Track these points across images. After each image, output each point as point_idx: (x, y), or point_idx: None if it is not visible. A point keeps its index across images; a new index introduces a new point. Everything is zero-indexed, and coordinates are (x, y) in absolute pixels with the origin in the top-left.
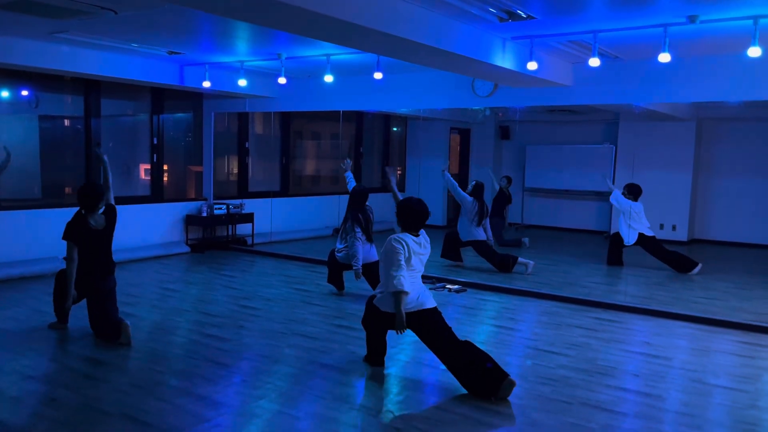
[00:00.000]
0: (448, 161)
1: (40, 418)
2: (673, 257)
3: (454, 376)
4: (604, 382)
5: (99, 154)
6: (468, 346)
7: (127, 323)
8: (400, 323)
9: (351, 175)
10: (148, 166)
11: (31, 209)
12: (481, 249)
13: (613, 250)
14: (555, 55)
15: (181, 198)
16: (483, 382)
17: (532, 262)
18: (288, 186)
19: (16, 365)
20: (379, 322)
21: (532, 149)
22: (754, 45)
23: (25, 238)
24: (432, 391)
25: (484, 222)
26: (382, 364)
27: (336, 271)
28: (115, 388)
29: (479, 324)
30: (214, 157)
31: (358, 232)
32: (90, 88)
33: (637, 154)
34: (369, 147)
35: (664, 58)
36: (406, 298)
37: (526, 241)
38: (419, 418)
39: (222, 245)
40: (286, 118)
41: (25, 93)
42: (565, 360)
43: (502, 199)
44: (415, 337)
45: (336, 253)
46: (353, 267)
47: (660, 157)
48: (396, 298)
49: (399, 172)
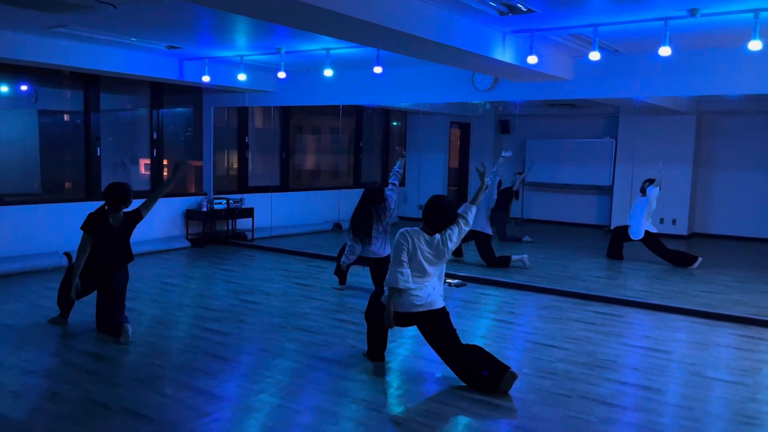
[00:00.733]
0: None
1: (41, 413)
2: (672, 254)
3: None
4: (603, 376)
5: (176, 172)
6: (471, 349)
7: (128, 326)
8: (388, 318)
9: (396, 171)
10: (148, 161)
11: (31, 204)
12: (483, 243)
13: (614, 243)
14: (555, 48)
15: (181, 193)
16: (481, 383)
17: (525, 256)
18: (288, 180)
19: (17, 360)
20: (381, 318)
21: (533, 143)
22: (754, 38)
23: (25, 233)
24: (432, 385)
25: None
26: (383, 359)
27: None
28: (115, 383)
29: (479, 318)
30: (213, 152)
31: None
32: (89, 83)
33: (637, 148)
34: (369, 141)
35: (665, 51)
36: (408, 296)
37: (526, 239)
38: (419, 411)
39: (222, 240)
40: (285, 113)
41: (24, 88)
42: (565, 354)
43: (508, 193)
44: (415, 331)
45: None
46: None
47: (660, 150)
48: (390, 292)
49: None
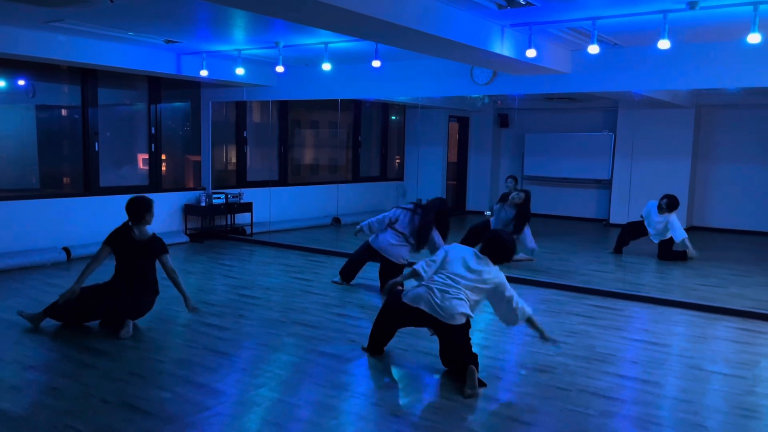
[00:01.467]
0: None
1: (41, 407)
2: (673, 255)
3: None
4: (602, 369)
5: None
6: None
7: (130, 321)
8: (387, 286)
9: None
10: (146, 156)
11: (29, 199)
12: None
13: (623, 239)
14: (554, 42)
15: (180, 187)
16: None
17: (521, 254)
18: (287, 175)
19: (16, 355)
20: (398, 315)
21: (531, 137)
22: (753, 31)
23: (23, 228)
24: (431, 379)
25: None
26: (382, 353)
27: (362, 262)
28: (115, 377)
29: (478, 312)
30: (212, 147)
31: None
32: (87, 78)
33: (636, 141)
34: (367, 136)
35: (664, 44)
36: (422, 289)
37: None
38: (418, 405)
39: (221, 235)
40: (284, 107)
41: (21, 83)
42: (564, 347)
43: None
44: (413, 327)
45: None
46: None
47: (659, 144)
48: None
49: (398, 161)
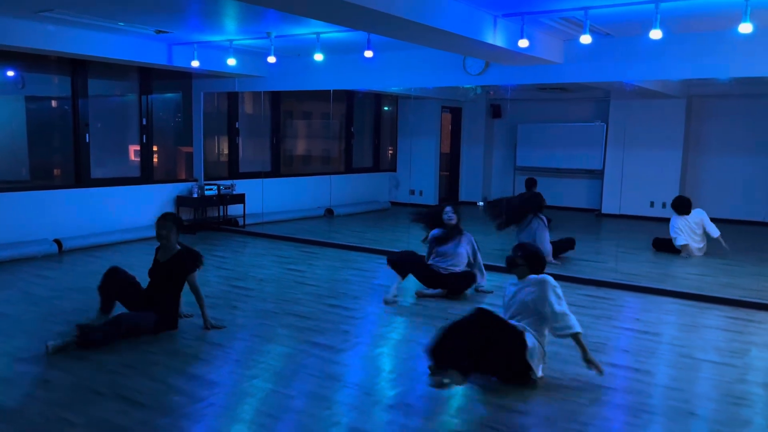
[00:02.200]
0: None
1: (33, 400)
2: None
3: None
4: (594, 358)
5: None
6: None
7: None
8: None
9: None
10: (138, 147)
11: (20, 191)
12: None
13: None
14: (546, 32)
15: (172, 179)
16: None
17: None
18: (279, 166)
19: (8, 347)
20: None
21: (524, 128)
22: (745, 21)
23: (13, 220)
24: (424, 369)
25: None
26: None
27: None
28: (108, 369)
29: (470, 303)
30: (204, 138)
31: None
32: (77, 68)
33: (628, 131)
34: (360, 126)
35: (656, 34)
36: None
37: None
38: (412, 395)
39: (213, 226)
40: (276, 98)
41: (10, 74)
42: (554, 338)
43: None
44: (408, 317)
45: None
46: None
47: (650, 134)
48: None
49: (391, 152)
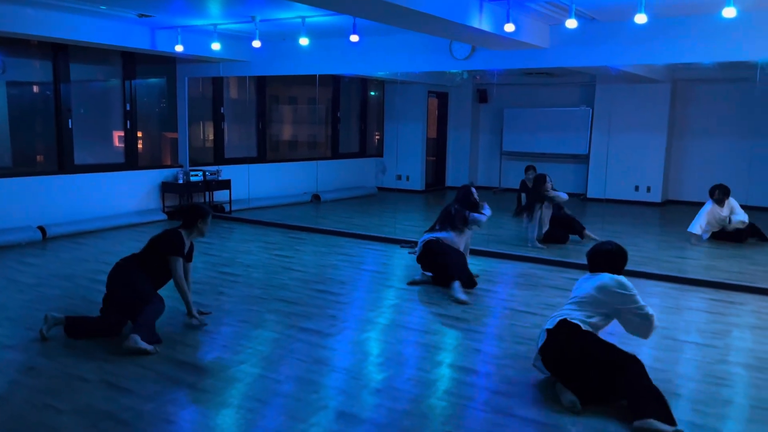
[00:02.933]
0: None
1: (19, 386)
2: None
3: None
4: None
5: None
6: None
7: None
8: None
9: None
10: (122, 133)
11: (2, 178)
12: None
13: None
14: (532, 16)
15: (157, 165)
16: None
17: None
18: (265, 152)
19: None
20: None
21: (510, 112)
22: (728, 5)
23: None
24: (411, 353)
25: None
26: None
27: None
28: (94, 356)
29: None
30: (189, 123)
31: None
32: (58, 53)
33: (613, 116)
34: (346, 111)
35: (641, 19)
36: None
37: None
38: (399, 378)
39: None
40: (261, 83)
41: None
42: (541, 320)
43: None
44: (395, 300)
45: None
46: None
47: (636, 118)
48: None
49: (377, 137)
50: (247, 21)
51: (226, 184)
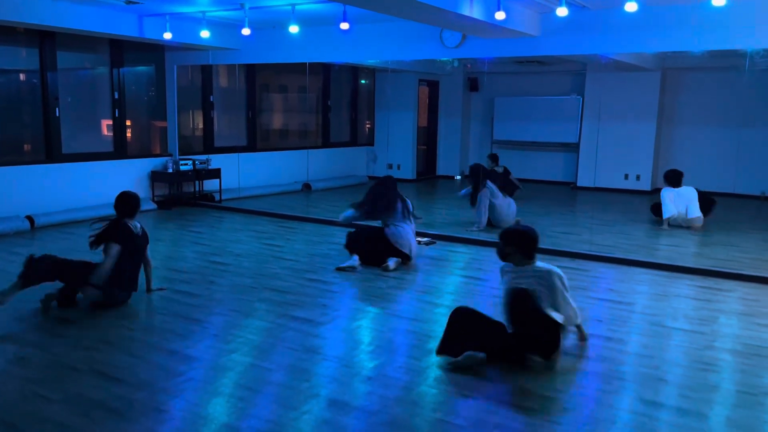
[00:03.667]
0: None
1: (10, 377)
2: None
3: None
4: (568, 329)
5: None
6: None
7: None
8: None
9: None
10: (110, 122)
11: None
12: None
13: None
14: (523, 4)
15: (146, 154)
16: None
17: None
18: (255, 141)
19: None
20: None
21: (501, 101)
22: None
23: None
24: (402, 341)
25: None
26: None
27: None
28: (85, 346)
29: (448, 275)
30: (178, 112)
31: None
32: (45, 40)
33: (603, 104)
34: (337, 100)
35: (631, 7)
36: None
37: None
38: (390, 367)
39: (189, 201)
40: (251, 71)
41: None
42: None
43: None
44: (386, 289)
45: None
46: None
47: (625, 107)
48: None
49: (368, 126)
50: (236, 8)
51: (216, 173)
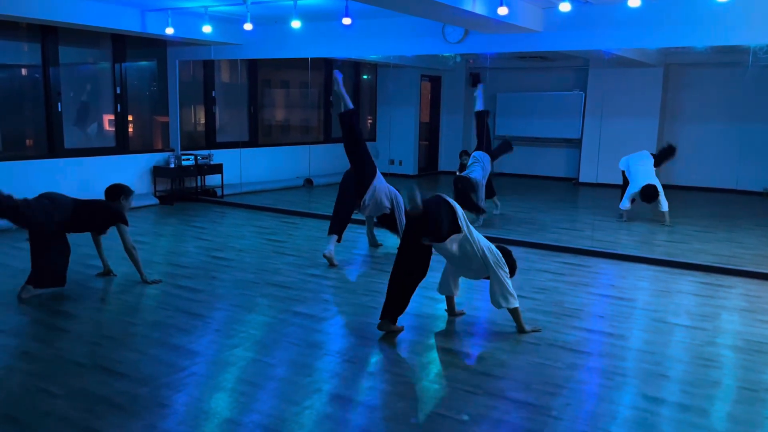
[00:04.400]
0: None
1: (13, 371)
2: None
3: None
4: (570, 324)
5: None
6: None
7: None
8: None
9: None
10: (112, 117)
11: None
12: None
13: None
14: (525, 0)
15: (148, 149)
16: None
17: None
18: (257, 136)
19: None
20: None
21: (503, 97)
22: None
23: None
24: (405, 337)
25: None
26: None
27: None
28: (87, 341)
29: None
30: (180, 107)
31: None
32: (47, 35)
33: (606, 100)
34: None
35: (634, 2)
36: None
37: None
38: (392, 362)
39: (191, 197)
40: (253, 66)
41: None
42: (533, 303)
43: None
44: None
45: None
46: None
47: (628, 103)
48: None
49: (370, 121)
50: (238, 3)
51: (218, 169)
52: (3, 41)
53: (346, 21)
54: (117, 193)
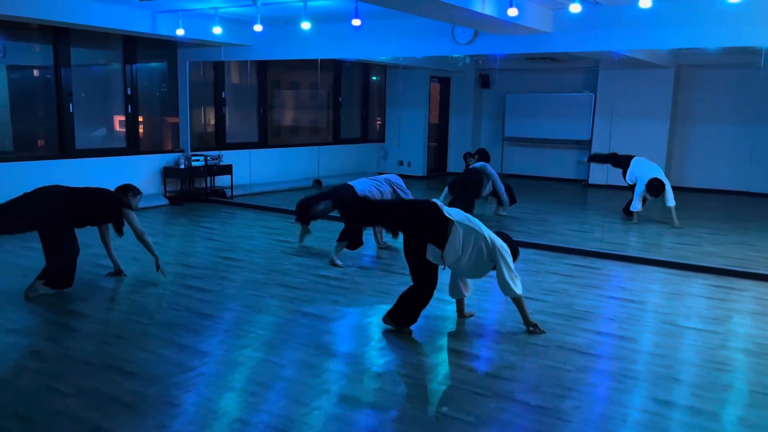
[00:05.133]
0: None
1: (23, 370)
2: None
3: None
4: (580, 326)
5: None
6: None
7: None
8: None
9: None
10: (123, 118)
11: (4, 162)
12: None
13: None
14: (535, 1)
15: (158, 150)
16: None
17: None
18: (266, 137)
19: None
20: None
21: (512, 98)
22: None
23: None
24: (413, 338)
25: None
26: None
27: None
28: (98, 340)
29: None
30: (190, 108)
31: None
32: (59, 37)
33: (616, 102)
34: (348, 96)
35: (645, 3)
36: None
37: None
38: (400, 363)
39: (201, 197)
40: (262, 67)
41: None
42: (543, 305)
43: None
44: (397, 286)
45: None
46: None
47: (638, 104)
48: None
49: (379, 122)
50: (248, 4)
51: (228, 170)
52: (15, 42)
53: (356, 22)
54: (124, 191)
